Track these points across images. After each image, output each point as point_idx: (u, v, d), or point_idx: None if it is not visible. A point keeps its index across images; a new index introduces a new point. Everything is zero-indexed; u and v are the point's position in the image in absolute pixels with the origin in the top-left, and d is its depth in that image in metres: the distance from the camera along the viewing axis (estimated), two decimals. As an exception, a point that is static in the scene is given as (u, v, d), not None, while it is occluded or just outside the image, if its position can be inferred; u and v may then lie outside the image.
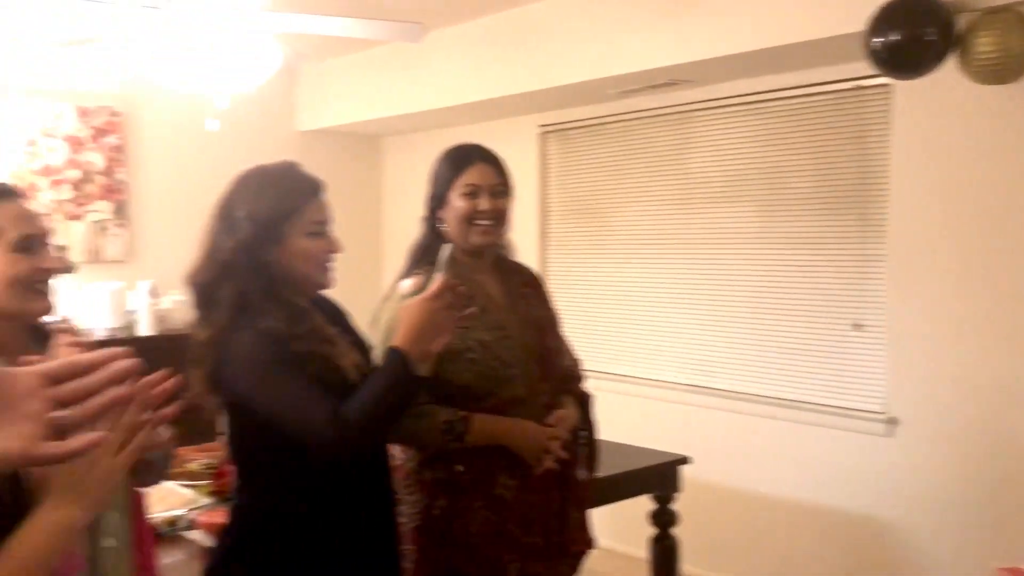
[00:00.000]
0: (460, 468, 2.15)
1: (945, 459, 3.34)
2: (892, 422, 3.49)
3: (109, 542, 1.34)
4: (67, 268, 1.50)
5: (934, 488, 3.37)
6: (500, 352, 2.19)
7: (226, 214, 1.84)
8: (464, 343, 2.14)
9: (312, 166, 1.91)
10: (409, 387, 1.76)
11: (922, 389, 3.40)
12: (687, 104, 4.15)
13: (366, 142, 5.81)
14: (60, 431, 0.84)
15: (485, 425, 2.13)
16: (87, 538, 1.29)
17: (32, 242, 1.39)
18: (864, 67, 3.12)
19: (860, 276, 3.61)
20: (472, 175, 2.19)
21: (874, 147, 3.54)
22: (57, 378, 0.85)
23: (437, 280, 1.80)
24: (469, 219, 2.18)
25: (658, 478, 3.09)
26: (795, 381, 3.82)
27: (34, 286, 1.39)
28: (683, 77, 3.87)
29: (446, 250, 1.87)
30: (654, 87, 4.05)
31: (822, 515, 3.72)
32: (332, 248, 1.86)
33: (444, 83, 4.55)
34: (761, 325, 3.93)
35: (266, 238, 1.80)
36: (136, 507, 1.51)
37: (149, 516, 1.76)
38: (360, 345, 1.99)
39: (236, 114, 3.37)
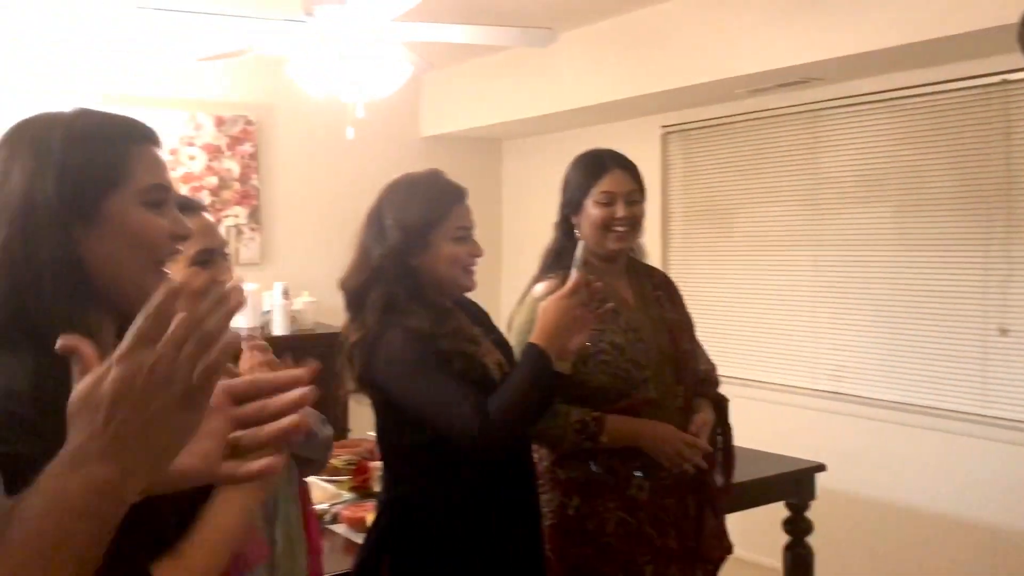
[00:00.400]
0: (595, 468, 2.17)
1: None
2: (1041, 432, 3.32)
3: (286, 529, 1.40)
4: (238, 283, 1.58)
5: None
6: (634, 354, 2.21)
7: (376, 222, 1.93)
8: (598, 345, 2.17)
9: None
10: (550, 383, 1.80)
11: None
12: (818, 102, 4.05)
13: (487, 145, 5.89)
14: (236, 450, 0.85)
15: (619, 425, 2.15)
16: (266, 526, 1.36)
17: (210, 255, 1.46)
18: (1010, 60, 2.98)
19: (1006, 279, 3.45)
20: (608, 182, 2.22)
21: (1019, 144, 3.37)
22: (240, 397, 0.86)
23: (572, 277, 1.83)
24: (606, 226, 2.22)
25: (793, 485, 3.03)
26: (935, 388, 3.68)
27: None
28: (815, 75, 3.78)
29: (581, 248, 1.90)
30: (783, 85, 3.96)
31: (963, 528, 3.57)
32: (475, 252, 1.93)
33: (567, 86, 4.57)
34: (898, 329, 3.80)
35: (414, 244, 1.88)
36: (304, 496, 1.58)
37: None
38: (502, 344, 2.05)
39: (363, 120, 3.48)
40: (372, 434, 2.14)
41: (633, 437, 2.16)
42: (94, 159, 1.03)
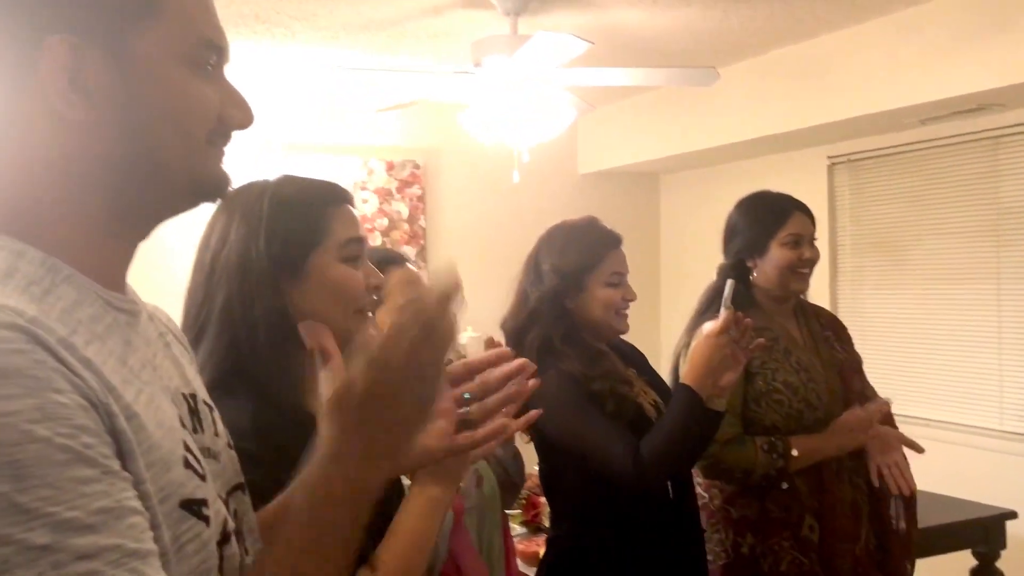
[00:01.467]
0: (785, 485, 2.16)
1: None
2: None
3: (490, 557, 1.48)
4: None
5: None
6: (806, 394, 2.22)
7: (534, 266, 2.04)
8: (771, 384, 2.19)
9: (592, 207, 2.03)
10: (703, 421, 1.81)
11: None
12: (997, 129, 3.87)
13: (644, 180, 5.91)
14: (464, 425, 0.95)
15: (804, 442, 2.15)
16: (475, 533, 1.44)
17: None
18: None
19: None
20: (795, 225, 2.27)
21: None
22: (458, 378, 0.97)
23: (722, 316, 1.84)
24: (793, 268, 2.25)
25: (981, 532, 2.88)
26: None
27: None
28: (993, 102, 3.62)
29: (729, 288, 1.91)
30: (959, 112, 3.81)
31: None
32: (628, 296, 2.00)
33: (727, 120, 4.55)
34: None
35: (569, 288, 1.97)
36: (505, 527, 1.66)
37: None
38: (658, 385, 2.08)
39: (524, 160, 3.59)
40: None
41: (820, 448, 2.15)
42: (298, 221, 1.16)
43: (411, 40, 3.80)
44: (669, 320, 5.04)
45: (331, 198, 1.21)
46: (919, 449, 2.23)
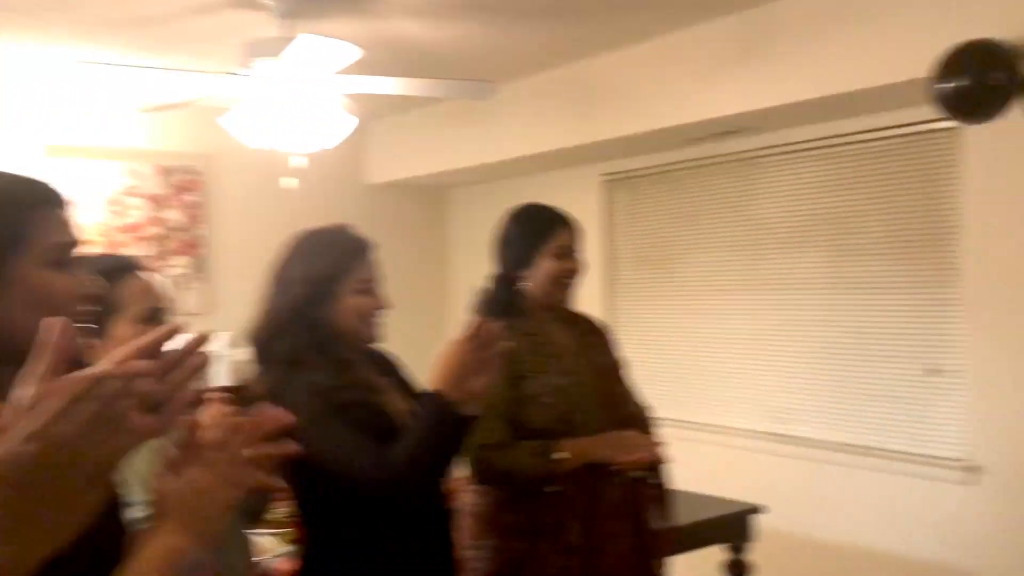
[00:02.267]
0: (555, 488, 2.20)
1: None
2: (974, 470, 3.41)
3: (235, 562, 1.39)
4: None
5: (1020, 538, 3.27)
6: (574, 396, 2.30)
7: (281, 275, 1.97)
8: (541, 388, 2.26)
9: (380, 218, 2.01)
10: (452, 426, 1.77)
11: (1007, 435, 3.32)
12: (752, 150, 4.17)
13: (433, 193, 5.94)
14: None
15: (574, 444, 2.22)
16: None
17: (155, 314, 1.48)
18: (931, 111, 3.11)
19: (935, 320, 3.56)
20: (563, 237, 2.35)
21: (943, 190, 3.51)
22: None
23: (468, 323, 1.86)
24: (558, 278, 2.33)
25: (731, 528, 3.07)
26: (871, 427, 3.76)
27: None
28: (748, 124, 3.90)
29: (476, 295, 1.94)
30: (719, 135, 4.08)
31: (900, 565, 3.63)
32: (379, 304, 1.96)
33: (510, 135, 4.65)
34: (834, 371, 3.89)
35: (319, 296, 1.90)
36: (247, 550, 1.57)
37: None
38: (413, 393, 2.06)
39: (308, 169, 3.51)
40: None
41: (590, 450, 2.22)
42: None
43: (181, 39, 3.62)
44: (457, 332, 5.07)
45: (34, 199, 1.08)
46: (659, 460, 2.33)
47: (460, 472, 2.09)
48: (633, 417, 2.42)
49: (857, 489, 3.78)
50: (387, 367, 2.07)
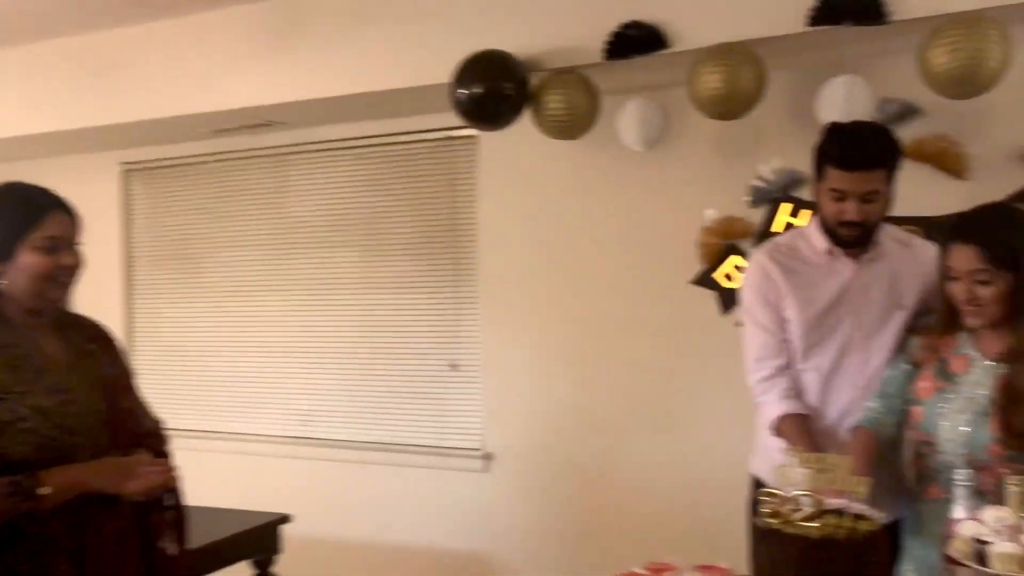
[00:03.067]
0: (37, 528, 1.84)
1: (538, 490, 3.54)
2: (488, 458, 3.63)
3: None
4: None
5: (528, 519, 3.55)
6: (62, 419, 1.94)
7: None
8: (17, 412, 1.88)
9: None
10: None
11: (513, 424, 3.58)
12: (284, 146, 4.05)
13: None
14: None
15: (60, 475, 1.86)
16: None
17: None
18: (453, 118, 3.24)
19: (455, 317, 3.74)
20: (52, 227, 1.96)
21: (464, 194, 3.70)
22: None
23: None
24: (49, 276, 1.93)
25: (256, 541, 2.90)
26: (400, 424, 3.84)
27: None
28: (278, 119, 3.77)
29: None
30: (249, 127, 3.89)
31: (431, 556, 3.76)
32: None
33: (6, 111, 3.99)
34: (364, 371, 3.91)
35: None
36: None
37: None
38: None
39: None
40: None
41: (79, 480, 1.89)
42: None
43: None
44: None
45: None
46: (172, 482, 2.10)
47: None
48: (143, 435, 2.14)
49: (387, 487, 3.84)
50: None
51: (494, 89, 2.91)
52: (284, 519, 2.97)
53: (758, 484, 2.37)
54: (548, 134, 3.06)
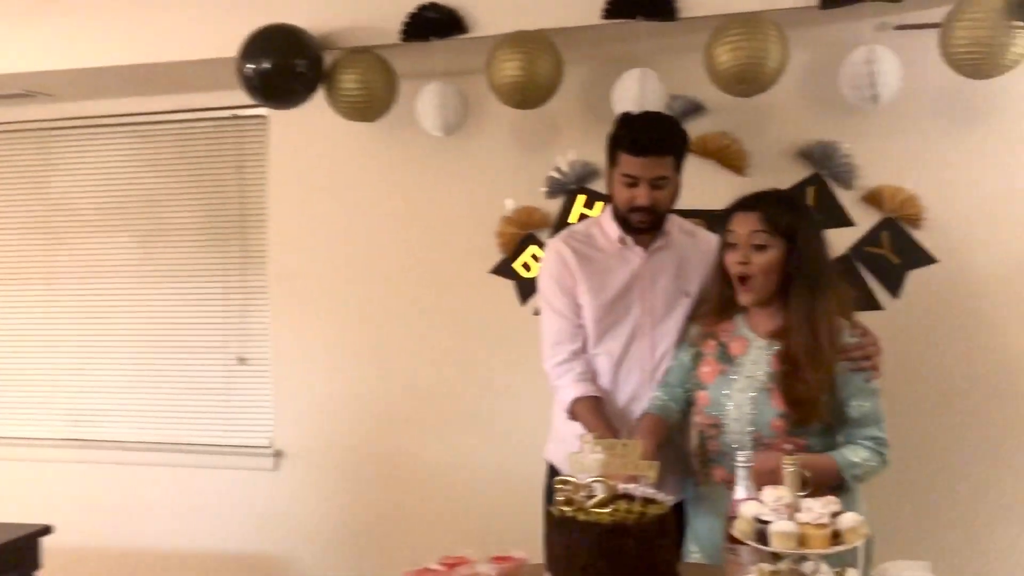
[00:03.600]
0: None
1: (331, 487, 3.41)
2: (278, 455, 3.47)
3: None
4: None
5: (322, 518, 3.42)
6: None
7: None
8: None
9: None
10: None
11: (305, 420, 3.44)
12: (50, 120, 3.69)
13: None
14: None
15: None
16: None
17: None
18: (241, 96, 3.04)
19: (244, 308, 3.55)
20: None
21: (253, 177, 3.52)
22: None
23: None
24: None
25: (11, 555, 2.60)
26: (183, 423, 3.61)
27: None
28: (41, 89, 3.41)
29: None
30: (7, 97, 3.50)
31: (220, 561, 3.53)
32: None
33: None
34: (142, 366, 3.64)
35: None
36: None
37: None
38: None
39: None
40: None
41: None
42: None
43: None
44: None
45: None
46: None
47: None
48: None
49: (170, 490, 3.58)
50: None
51: (284, 65, 2.75)
52: (45, 530, 2.68)
53: (553, 472, 2.38)
54: (343, 115, 2.94)
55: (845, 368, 2.00)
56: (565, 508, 1.77)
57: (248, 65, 2.78)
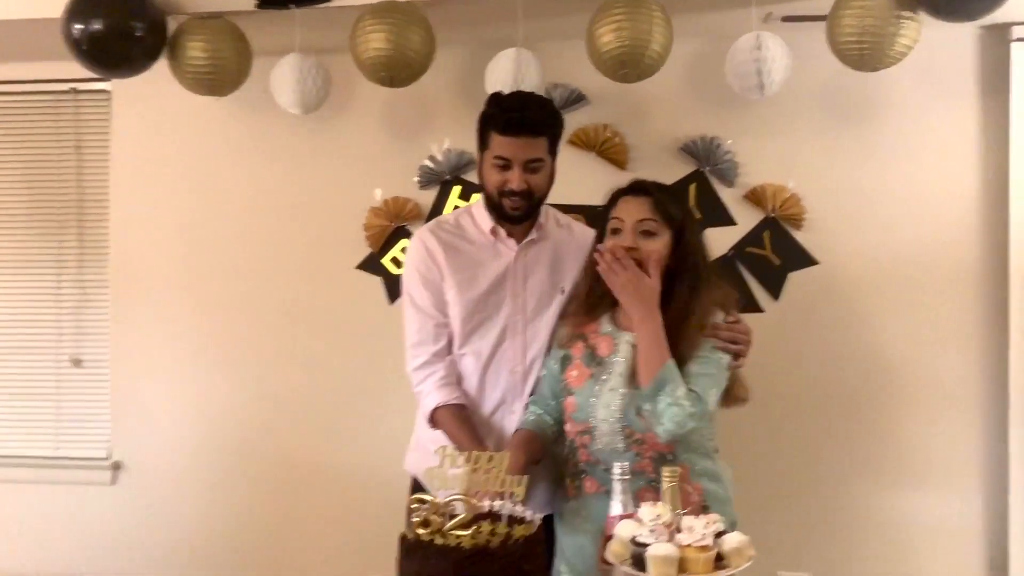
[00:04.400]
0: None
1: (177, 503, 3.11)
2: (117, 468, 3.14)
3: None
4: None
5: (165, 535, 3.11)
6: None
7: None
8: None
9: None
10: None
11: (148, 429, 3.13)
12: None
13: None
14: None
15: None
16: None
17: None
18: (81, 69, 2.71)
19: (80, 304, 3.23)
20: None
21: (94, 159, 3.20)
22: None
23: None
24: None
25: None
26: (9, 432, 3.26)
27: None
28: None
29: None
30: None
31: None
32: None
33: None
34: (-40, 368, 3.24)
35: None
36: None
37: None
38: None
39: None
40: None
41: None
42: None
43: None
44: None
45: None
46: None
47: None
48: None
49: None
50: None
51: (119, 27, 2.45)
52: None
53: (417, 486, 2.17)
54: (188, 87, 2.64)
55: (709, 345, 1.88)
56: (421, 531, 1.56)
57: (76, 26, 2.46)
